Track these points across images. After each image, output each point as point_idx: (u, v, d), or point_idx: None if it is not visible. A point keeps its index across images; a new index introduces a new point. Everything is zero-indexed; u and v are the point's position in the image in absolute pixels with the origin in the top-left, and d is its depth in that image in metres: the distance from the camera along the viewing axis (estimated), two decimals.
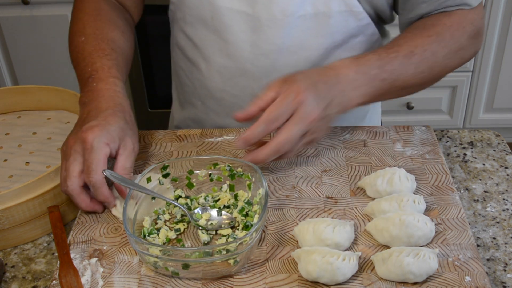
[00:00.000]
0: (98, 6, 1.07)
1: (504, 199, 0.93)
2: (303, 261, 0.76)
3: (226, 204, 0.88)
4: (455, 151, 1.04)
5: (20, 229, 0.88)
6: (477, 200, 0.93)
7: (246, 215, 0.85)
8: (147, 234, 0.83)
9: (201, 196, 0.90)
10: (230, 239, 0.83)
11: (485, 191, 0.95)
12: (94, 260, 0.81)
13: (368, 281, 0.77)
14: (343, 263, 0.75)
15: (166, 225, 0.86)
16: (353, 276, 0.77)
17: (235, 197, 0.89)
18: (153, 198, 0.89)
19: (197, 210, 0.87)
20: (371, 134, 1.04)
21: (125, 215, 0.79)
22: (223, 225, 0.85)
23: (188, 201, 0.89)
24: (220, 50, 1.09)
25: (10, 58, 2.38)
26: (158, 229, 0.85)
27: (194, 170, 0.92)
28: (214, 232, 0.85)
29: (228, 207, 0.88)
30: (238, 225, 0.86)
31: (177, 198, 0.90)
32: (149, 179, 0.89)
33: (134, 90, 2.46)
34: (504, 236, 0.86)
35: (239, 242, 0.75)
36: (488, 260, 0.83)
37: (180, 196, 0.90)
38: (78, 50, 1.02)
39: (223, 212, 0.87)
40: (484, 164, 1.00)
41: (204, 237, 0.83)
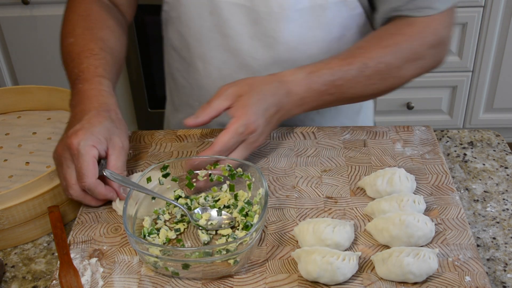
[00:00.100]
0: (88, 7, 1.07)
1: (504, 199, 0.93)
2: (303, 261, 0.76)
3: (226, 204, 0.88)
4: (455, 151, 1.04)
5: (20, 229, 0.88)
6: (477, 200, 0.93)
7: (246, 215, 0.85)
8: (147, 234, 0.83)
9: (201, 196, 0.89)
10: (230, 239, 0.83)
11: (485, 191, 0.95)
12: (94, 260, 0.81)
13: (368, 281, 0.77)
14: (343, 263, 0.75)
15: (166, 225, 0.86)
16: (353, 276, 0.77)
17: (235, 197, 0.89)
18: (153, 198, 0.89)
19: (197, 210, 0.87)
20: (371, 134, 1.04)
21: (125, 215, 0.79)
22: (223, 225, 0.85)
23: (188, 201, 0.89)
24: (219, 46, 1.09)
25: (10, 58, 2.38)
26: (158, 229, 0.85)
27: (194, 170, 0.92)
28: (214, 232, 0.85)
29: (228, 207, 0.88)
30: (238, 225, 0.86)
31: (177, 198, 0.90)
32: (149, 179, 0.89)
33: (134, 90, 2.46)
34: (504, 236, 0.86)
35: (239, 242, 0.75)
36: (488, 260, 0.83)
37: (180, 196, 0.90)
38: (68, 52, 1.01)
39: (223, 212, 0.87)
40: (484, 164, 1.00)
41: (204, 237, 0.83)
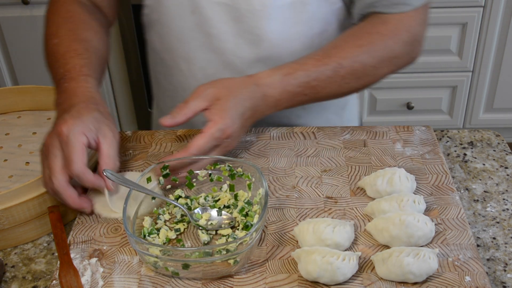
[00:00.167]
0: (71, 9, 1.08)
1: (504, 199, 0.93)
2: (303, 261, 0.76)
3: (226, 204, 0.88)
4: (455, 151, 1.04)
5: (20, 229, 0.88)
6: (477, 200, 0.93)
7: (246, 215, 0.85)
8: (147, 234, 0.83)
9: (201, 196, 0.90)
10: (230, 239, 0.83)
11: (485, 191, 0.95)
12: (94, 260, 0.81)
13: (368, 281, 0.77)
14: (343, 263, 0.75)
15: (166, 225, 0.86)
16: (353, 276, 0.77)
17: (235, 197, 0.89)
18: (153, 198, 0.89)
19: (197, 210, 0.87)
20: (371, 134, 1.04)
21: (125, 215, 0.79)
22: (223, 225, 0.85)
23: (188, 201, 0.89)
24: (202, 45, 1.09)
25: (10, 58, 2.38)
26: (158, 229, 0.85)
27: (194, 170, 0.92)
28: (214, 232, 0.85)
29: (228, 207, 0.88)
30: (238, 225, 0.86)
31: (177, 198, 0.90)
32: (149, 179, 0.89)
33: (134, 90, 2.46)
34: (504, 236, 0.86)
35: (239, 242, 0.75)
36: (488, 260, 0.83)
37: (180, 196, 0.90)
38: (52, 52, 1.02)
39: (223, 212, 0.87)
40: (484, 164, 1.00)
41: (204, 237, 0.83)
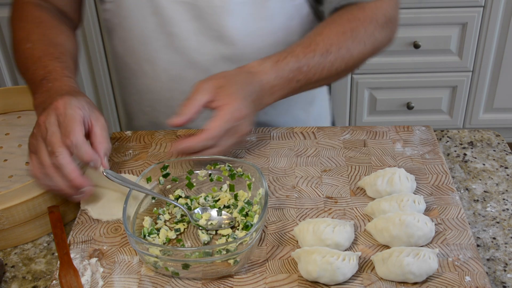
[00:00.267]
0: (39, 14, 1.07)
1: (504, 199, 0.93)
2: (303, 261, 0.76)
3: (226, 204, 0.88)
4: (455, 151, 1.04)
5: (20, 229, 0.88)
6: (477, 200, 0.93)
7: (246, 215, 0.85)
8: (147, 234, 0.83)
9: (201, 196, 0.90)
10: (230, 239, 0.83)
11: (485, 191, 0.95)
12: (94, 260, 0.81)
13: (368, 281, 0.77)
14: (343, 263, 0.75)
15: (166, 225, 0.86)
16: (353, 276, 0.77)
17: (235, 197, 0.89)
18: (153, 198, 0.89)
19: (197, 210, 0.87)
20: (371, 134, 1.04)
21: (125, 215, 0.79)
22: (223, 225, 0.85)
23: (188, 201, 0.89)
24: (165, 46, 1.09)
25: (10, 58, 2.38)
26: (158, 229, 0.85)
27: (194, 170, 0.92)
28: (214, 232, 0.85)
29: (228, 207, 0.88)
30: (238, 225, 0.86)
31: (177, 198, 0.90)
32: (149, 179, 0.89)
33: None
34: (504, 236, 0.86)
35: (239, 242, 0.75)
36: (488, 260, 0.83)
37: (180, 196, 0.90)
38: (26, 56, 1.01)
39: (223, 212, 0.87)
40: (484, 164, 1.00)
41: (204, 237, 0.83)
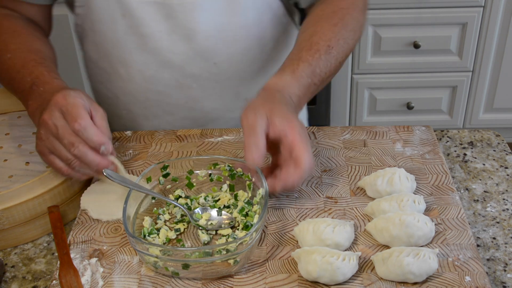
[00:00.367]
0: (11, 24, 1.07)
1: (504, 199, 0.93)
2: (303, 261, 0.76)
3: (226, 204, 0.88)
4: (455, 151, 1.04)
5: (20, 229, 0.88)
6: (477, 200, 0.93)
7: (246, 215, 0.85)
8: (147, 234, 0.83)
9: (201, 196, 0.90)
10: (230, 239, 0.83)
11: (485, 191, 0.95)
12: (94, 260, 0.81)
13: (368, 281, 0.77)
14: (343, 263, 0.75)
15: (166, 225, 0.86)
16: (353, 276, 0.77)
17: (235, 197, 0.89)
18: (153, 198, 0.89)
19: (197, 210, 0.87)
20: (371, 134, 1.04)
21: (125, 215, 0.79)
22: (223, 225, 0.85)
23: (188, 201, 0.89)
24: (138, 47, 1.08)
25: None
26: (158, 229, 0.85)
27: (194, 170, 0.92)
28: (214, 232, 0.85)
29: (228, 207, 0.88)
30: (238, 225, 0.86)
31: (177, 198, 0.90)
32: (149, 179, 0.89)
33: None
34: (504, 236, 0.86)
35: (239, 242, 0.75)
36: (488, 260, 0.83)
37: (180, 196, 0.90)
38: (8, 66, 1.01)
39: (223, 212, 0.87)
40: (484, 164, 1.00)
41: (204, 237, 0.83)
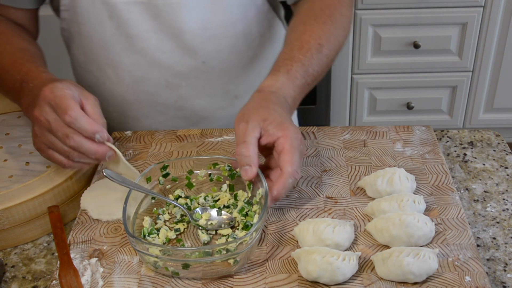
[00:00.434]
0: None
1: (504, 199, 0.93)
2: (303, 261, 0.76)
3: (226, 204, 0.88)
4: (455, 151, 1.04)
5: (20, 229, 0.88)
6: (477, 200, 0.93)
7: (246, 215, 0.85)
8: (147, 234, 0.83)
9: (201, 196, 0.90)
10: (230, 239, 0.83)
11: (485, 191, 0.95)
12: (94, 260, 0.81)
13: (368, 281, 0.77)
14: (343, 263, 0.75)
15: (166, 225, 0.86)
16: (353, 276, 0.77)
17: (235, 197, 0.89)
18: (153, 198, 0.89)
19: (197, 210, 0.87)
20: (371, 134, 1.04)
21: (125, 215, 0.79)
22: (223, 225, 0.85)
23: (188, 201, 0.89)
24: (126, 48, 1.08)
25: None
26: (158, 229, 0.85)
27: (194, 170, 0.92)
28: (214, 232, 0.85)
29: (228, 207, 0.88)
30: (238, 225, 0.86)
31: (177, 198, 0.90)
32: (149, 179, 0.89)
33: None
34: (504, 236, 0.86)
35: (239, 242, 0.75)
36: (488, 260, 0.83)
37: (180, 196, 0.90)
38: None
39: (223, 212, 0.87)
40: (484, 164, 1.00)
41: (204, 237, 0.83)
